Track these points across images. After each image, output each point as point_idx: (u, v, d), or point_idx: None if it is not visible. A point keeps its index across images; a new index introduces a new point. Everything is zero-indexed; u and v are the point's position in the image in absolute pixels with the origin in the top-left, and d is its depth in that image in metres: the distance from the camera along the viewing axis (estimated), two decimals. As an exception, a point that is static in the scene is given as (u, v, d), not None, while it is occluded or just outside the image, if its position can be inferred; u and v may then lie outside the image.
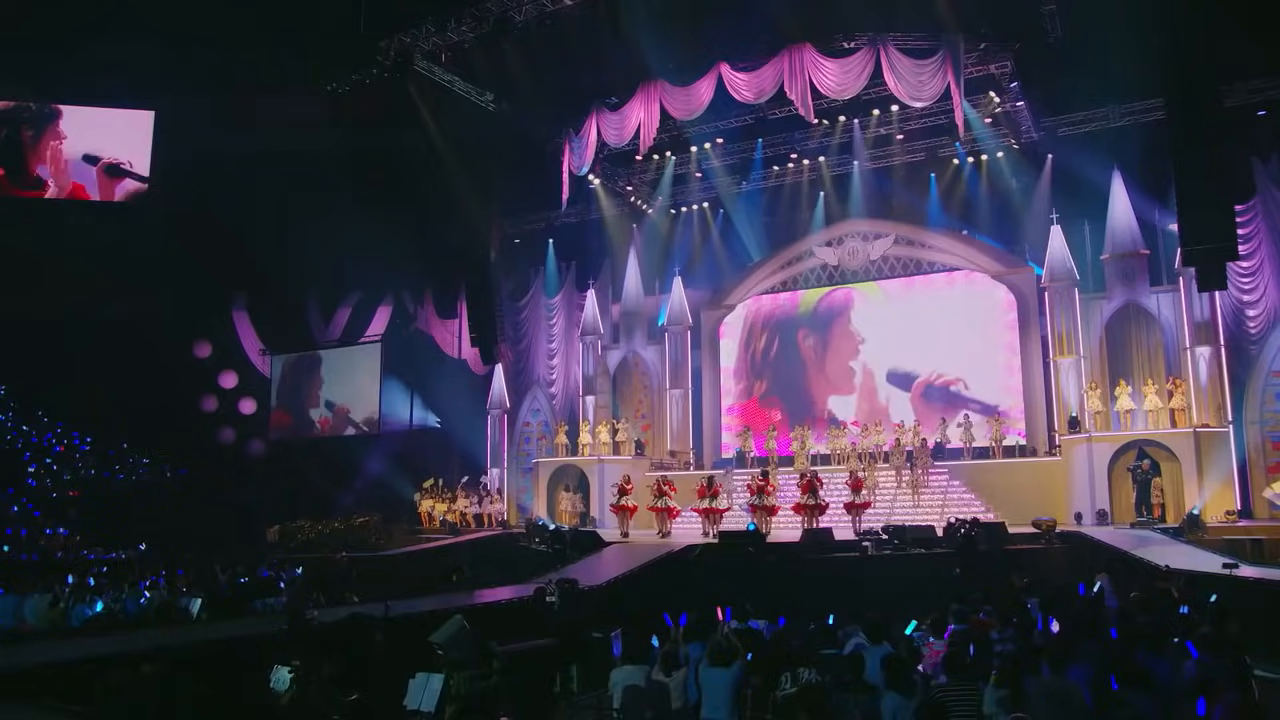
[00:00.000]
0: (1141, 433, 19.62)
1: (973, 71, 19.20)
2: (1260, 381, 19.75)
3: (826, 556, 15.60)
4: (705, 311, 27.01)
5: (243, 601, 12.26)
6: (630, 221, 27.39)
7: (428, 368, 29.69)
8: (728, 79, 19.59)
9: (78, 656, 8.06)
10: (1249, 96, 19.82)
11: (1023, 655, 7.26)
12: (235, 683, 6.95)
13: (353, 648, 7.52)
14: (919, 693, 6.72)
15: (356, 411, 30.16)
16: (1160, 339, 21.18)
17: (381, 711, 6.41)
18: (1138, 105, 21.19)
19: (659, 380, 26.90)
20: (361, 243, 27.46)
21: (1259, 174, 20.26)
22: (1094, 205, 21.64)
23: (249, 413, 31.79)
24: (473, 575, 15.93)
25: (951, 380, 23.71)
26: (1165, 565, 12.73)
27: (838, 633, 8.43)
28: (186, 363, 30.97)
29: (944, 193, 23.76)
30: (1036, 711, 6.34)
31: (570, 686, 8.78)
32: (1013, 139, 22.38)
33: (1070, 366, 21.69)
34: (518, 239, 28.24)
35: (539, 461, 25.96)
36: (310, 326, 31.63)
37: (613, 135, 21.14)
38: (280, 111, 25.86)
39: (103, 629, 10.71)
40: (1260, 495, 19.25)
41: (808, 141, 23.65)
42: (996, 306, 23.50)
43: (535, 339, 28.92)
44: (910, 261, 24.58)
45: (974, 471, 21.31)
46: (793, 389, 25.58)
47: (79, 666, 7.73)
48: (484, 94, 21.89)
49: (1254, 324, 20.47)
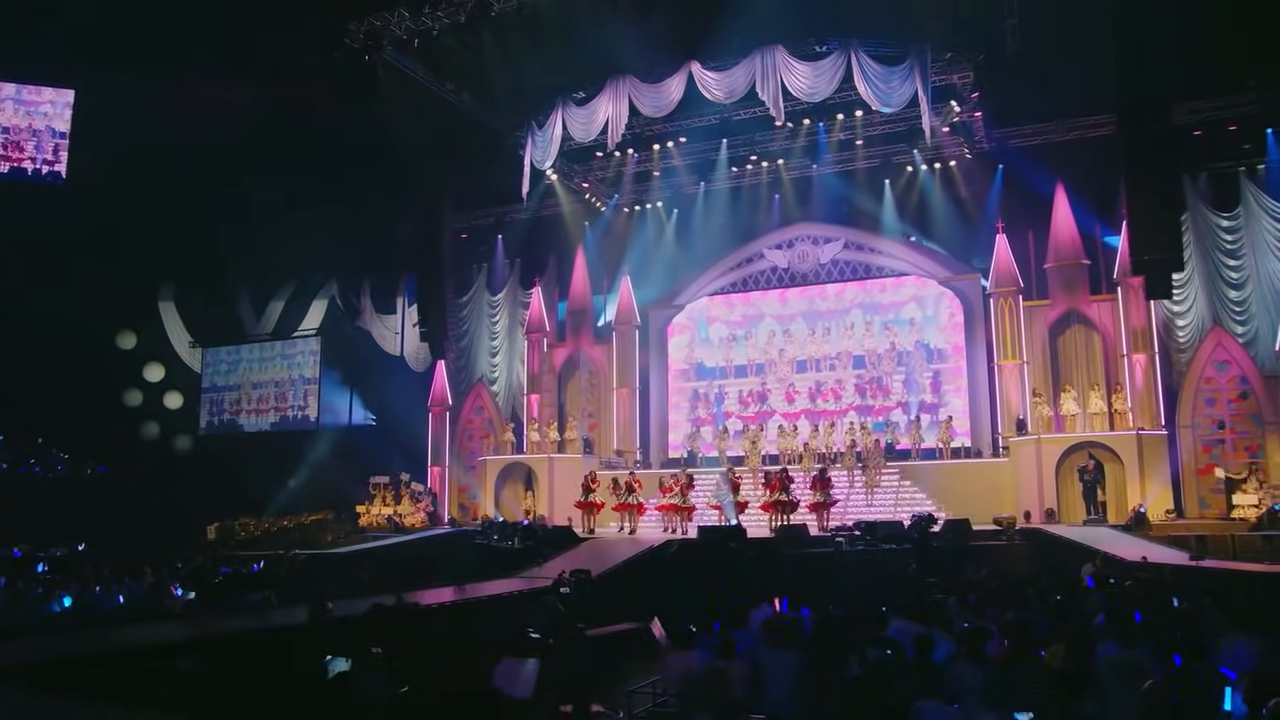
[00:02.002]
0: (1087, 435, 20.43)
1: (936, 80, 19.72)
2: (1192, 388, 20.79)
3: (803, 552, 15.77)
4: (654, 311, 27.04)
5: (232, 596, 11.70)
6: (583, 219, 27.23)
7: (366, 363, 28.97)
8: (699, 77, 19.67)
9: (101, 649, 7.57)
10: (1187, 117, 20.82)
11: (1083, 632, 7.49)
12: (293, 674, 6.64)
13: (396, 636, 7.29)
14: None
15: (292, 407, 29.21)
16: (1100, 345, 22.13)
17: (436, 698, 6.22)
18: (1084, 121, 22.07)
19: (606, 379, 26.82)
20: (297, 234, 26.71)
21: (1189, 191, 21.39)
22: (1039, 215, 22.47)
23: (175, 406, 30.47)
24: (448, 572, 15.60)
25: (897, 383, 24.25)
26: (1142, 557, 13.27)
27: (887, 620, 8.52)
28: (109, 355, 29.52)
29: (898, 198, 24.30)
30: (1106, 683, 6.55)
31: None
32: (967, 148, 23.06)
33: (1014, 371, 22.48)
34: (464, 234, 27.78)
35: (486, 459, 25.58)
36: (242, 319, 30.50)
37: (579, 130, 20.99)
38: (215, 94, 24.95)
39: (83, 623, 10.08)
40: (1192, 496, 20.34)
41: (770, 144, 23.88)
42: (943, 311, 24.16)
43: (478, 336, 28.53)
44: (860, 266, 25.09)
45: (925, 472, 21.82)
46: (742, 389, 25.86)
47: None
48: (444, 83, 21.47)
49: (1184, 333, 21.60)
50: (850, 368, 24.82)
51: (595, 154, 24.10)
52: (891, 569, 15.25)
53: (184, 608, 10.60)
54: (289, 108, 23.41)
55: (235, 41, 22.91)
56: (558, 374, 27.40)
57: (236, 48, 23.11)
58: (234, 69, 24.31)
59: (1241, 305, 21.20)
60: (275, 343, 29.92)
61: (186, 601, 10.83)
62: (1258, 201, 21.10)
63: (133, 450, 29.03)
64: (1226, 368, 20.63)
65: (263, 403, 29.58)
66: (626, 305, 26.54)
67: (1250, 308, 21.08)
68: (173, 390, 30.68)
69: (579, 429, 25.81)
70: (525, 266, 28.08)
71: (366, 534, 23.73)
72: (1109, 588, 10.51)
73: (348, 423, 28.80)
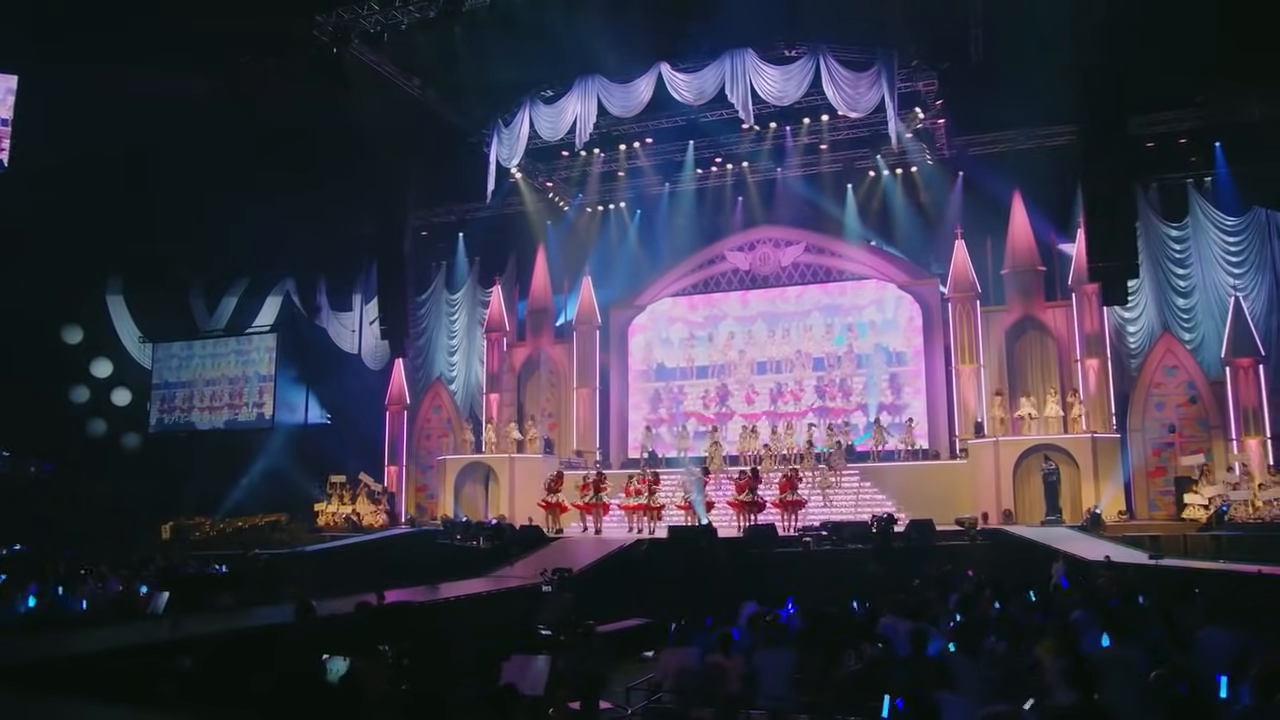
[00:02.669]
0: (1043, 438, 20.88)
1: (902, 87, 20.01)
2: (1142, 393, 21.38)
3: (772, 551, 15.90)
4: (615, 311, 27.05)
5: (203, 597, 11.41)
6: (546, 218, 27.15)
7: (322, 361, 28.51)
8: (668, 79, 19.73)
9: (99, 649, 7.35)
10: (1141, 129, 21.37)
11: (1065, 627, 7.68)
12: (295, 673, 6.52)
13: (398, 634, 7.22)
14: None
15: (246, 404, 28.62)
16: (1054, 350, 22.65)
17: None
18: (1041, 131, 22.56)
19: (566, 379, 26.77)
20: (251, 229, 26.20)
21: (1140, 201, 21.97)
22: (997, 222, 22.91)
23: (123, 403, 29.67)
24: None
25: (857, 385, 24.55)
26: (1106, 556, 13.61)
27: (877, 617, 8.65)
28: (54, 349, 28.63)
29: (860, 203, 24.61)
30: (1100, 678, 6.73)
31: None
32: (929, 154, 23.44)
33: (971, 374, 22.92)
34: (424, 231, 27.50)
35: (446, 459, 25.35)
36: (194, 314, 29.83)
37: (547, 128, 20.93)
38: (169, 83, 24.29)
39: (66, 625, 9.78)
40: (1143, 497, 20.93)
41: (735, 146, 24.01)
42: (902, 315, 24.52)
43: (436, 335, 28.28)
44: (820, 269, 25.37)
45: (885, 473, 22.11)
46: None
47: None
48: (410, 79, 21.26)
49: (1134, 339, 22.18)
50: (810, 369, 25.09)
51: (561, 153, 24.02)
52: (861, 569, 15.42)
53: (165, 608, 10.32)
54: (246, 100, 22.85)
55: (193, 30, 22.37)
56: (517, 373, 27.30)
57: (194, 36, 22.56)
58: (190, 58, 23.71)
59: (1189, 313, 21.83)
60: (229, 339, 29.30)
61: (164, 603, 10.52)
62: (1204, 213, 21.75)
63: (79, 448, 28.20)
64: (1175, 373, 21.26)
65: (216, 400, 28.95)
66: (587, 305, 26.52)
67: (1197, 315, 21.72)
68: (121, 386, 29.86)
69: (539, 429, 25.73)
70: (485, 265, 27.91)
71: (324, 533, 23.36)
72: (1082, 586, 10.78)
73: (304, 421, 28.32)
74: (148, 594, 10.73)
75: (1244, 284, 21.05)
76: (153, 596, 10.55)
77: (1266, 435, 20.05)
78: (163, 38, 22.92)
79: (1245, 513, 17.92)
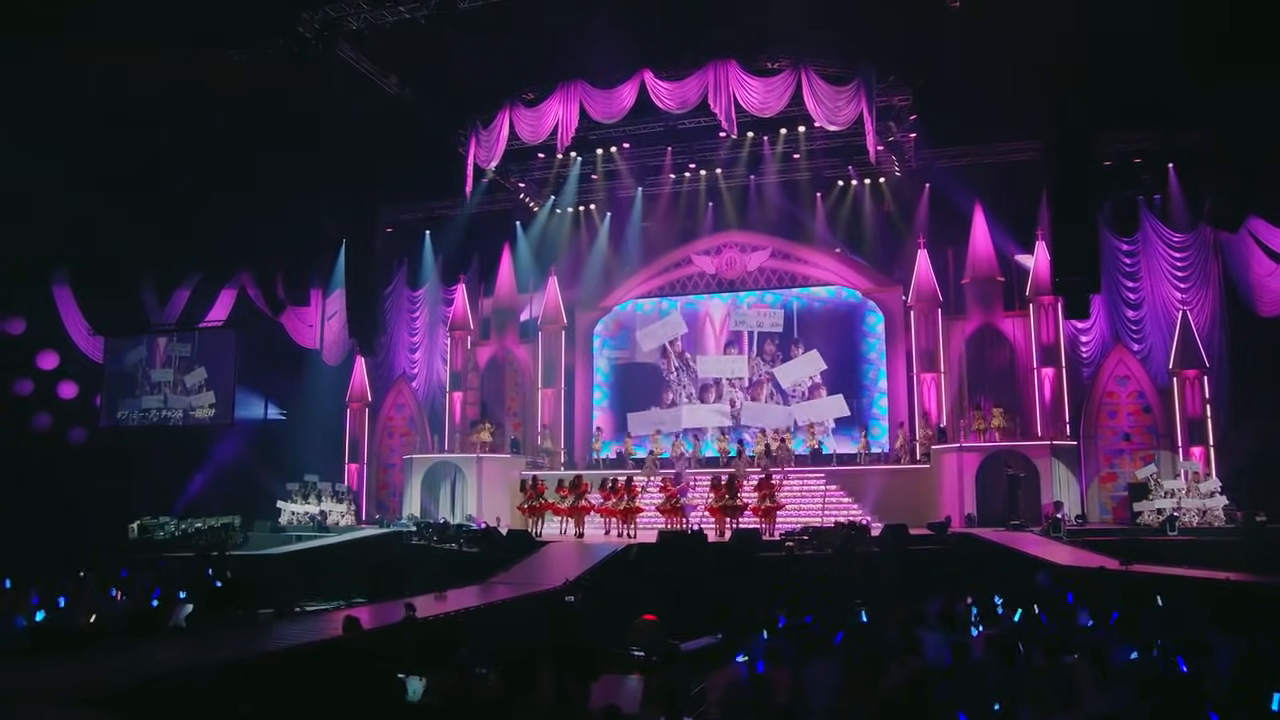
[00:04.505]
0: (1005, 444, 21.61)
1: (878, 102, 20.50)
2: (1096, 400, 22.31)
3: (757, 556, 16.21)
4: (580, 312, 27.14)
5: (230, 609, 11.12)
6: (515, 218, 27.12)
7: (279, 357, 28.01)
8: (651, 86, 19.88)
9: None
10: (1102, 147, 22.21)
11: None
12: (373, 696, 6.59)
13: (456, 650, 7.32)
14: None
15: (201, 401, 27.96)
16: (1011, 358, 23.47)
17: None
18: (1005, 145, 23.34)
19: (531, 379, 26.80)
20: (206, 221, 25.68)
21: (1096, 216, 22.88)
22: (960, 233, 23.64)
23: (70, 397, 28.73)
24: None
25: (818, 391, 25.05)
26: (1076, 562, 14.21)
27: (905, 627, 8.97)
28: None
29: (829, 211, 25.13)
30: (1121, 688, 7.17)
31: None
32: (897, 167, 24.03)
33: (933, 381, 23.63)
34: (390, 228, 27.21)
35: (412, 458, 25.17)
36: (145, 307, 29.01)
37: (527, 131, 20.94)
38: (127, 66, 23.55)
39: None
40: (1094, 503, 21.88)
41: (710, 153, 24.29)
42: (865, 322, 25.12)
43: (396, 332, 28.03)
44: (786, 274, 25.79)
45: (849, 477, 22.67)
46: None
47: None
48: (387, 76, 21.06)
49: (1086, 349, 23.11)
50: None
51: (537, 155, 24.02)
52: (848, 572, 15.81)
53: (187, 621, 10.13)
54: (217, 92, 22.32)
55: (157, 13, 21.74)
56: (481, 373, 27.24)
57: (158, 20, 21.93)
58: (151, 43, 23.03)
59: (1138, 325, 22.83)
60: (183, 333, 28.56)
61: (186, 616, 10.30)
62: (1154, 230, 22.74)
63: (21, 443, 27.25)
64: (1126, 382, 22.22)
65: (169, 395, 28.22)
66: (553, 305, 26.57)
67: (1145, 327, 22.73)
68: (67, 379, 28.92)
69: (505, 428, 25.72)
70: (448, 263, 27.74)
71: (288, 533, 23.00)
72: (1079, 592, 11.30)
73: (262, 417, 27.81)
74: (165, 606, 10.51)
75: (1189, 298, 22.10)
76: (175, 609, 10.35)
77: (1210, 444, 21.15)
78: (119, 19, 22.26)
79: (1192, 520, 18.93)
